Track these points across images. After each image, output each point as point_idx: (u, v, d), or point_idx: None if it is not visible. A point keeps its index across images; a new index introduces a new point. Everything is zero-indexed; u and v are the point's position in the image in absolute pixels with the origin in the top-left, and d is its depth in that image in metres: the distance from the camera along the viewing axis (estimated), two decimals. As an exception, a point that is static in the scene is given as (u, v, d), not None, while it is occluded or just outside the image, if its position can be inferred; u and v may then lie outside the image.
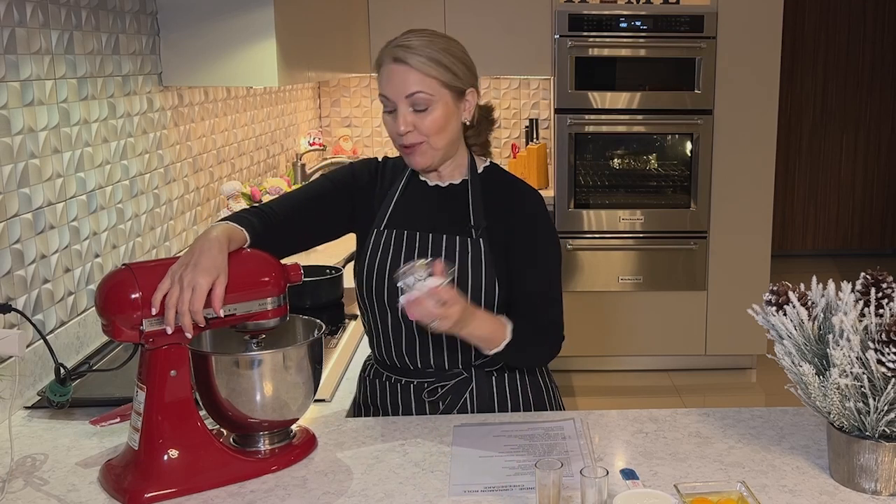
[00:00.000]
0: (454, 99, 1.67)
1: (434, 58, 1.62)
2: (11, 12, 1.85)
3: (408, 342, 1.74)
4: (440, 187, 1.77)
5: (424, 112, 1.64)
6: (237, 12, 2.57)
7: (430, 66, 1.62)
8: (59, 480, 1.47)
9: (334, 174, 1.83)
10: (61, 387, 1.56)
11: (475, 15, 4.43)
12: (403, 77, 1.63)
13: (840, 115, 6.84)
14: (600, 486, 1.27)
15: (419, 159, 1.69)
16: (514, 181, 1.80)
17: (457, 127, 1.71)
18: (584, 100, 4.41)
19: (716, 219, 4.49)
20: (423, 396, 1.77)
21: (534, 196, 1.77)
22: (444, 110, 1.65)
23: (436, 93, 1.63)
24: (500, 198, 1.75)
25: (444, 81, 1.64)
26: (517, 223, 1.73)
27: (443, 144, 1.68)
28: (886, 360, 1.27)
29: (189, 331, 1.40)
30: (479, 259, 1.70)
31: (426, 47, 1.63)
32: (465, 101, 1.70)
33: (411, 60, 1.62)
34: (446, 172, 1.76)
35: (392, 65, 1.64)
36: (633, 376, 4.65)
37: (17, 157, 1.86)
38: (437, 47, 1.64)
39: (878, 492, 1.37)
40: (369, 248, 1.76)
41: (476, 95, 1.72)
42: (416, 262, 1.49)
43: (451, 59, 1.65)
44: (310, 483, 1.45)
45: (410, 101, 1.63)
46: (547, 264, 1.73)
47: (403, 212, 1.77)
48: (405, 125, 1.64)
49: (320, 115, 4.94)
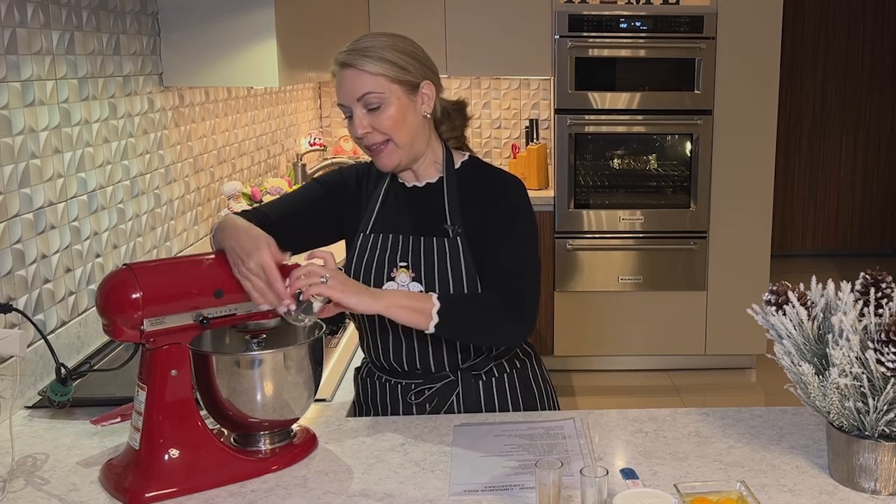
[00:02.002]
0: (407, 93, 1.66)
1: (380, 56, 1.63)
2: (12, 12, 1.86)
3: (394, 344, 1.74)
4: (417, 188, 1.77)
5: (378, 110, 1.64)
6: (238, 13, 2.57)
7: (376, 65, 1.62)
8: (59, 480, 1.47)
9: (325, 178, 1.84)
10: (62, 386, 1.56)
11: (475, 15, 4.43)
12: (352, 80, 1.63)
13: (840, 115, 6.84)
14: (600, 486, 1.27)
15: (385, 160, 1.69)
16: (491, 171, 1.78)
17: (417, 121, 1.69)
18: (584, 100, 4.41)
19: (716, 219, 4.50)
20: (409, 398, 1.77)
21: (512, 181, 1.75)
22: (397, 105, 1.64)
23: (386, 90, 1.63)
24: (479, 191, 1.73)
25: (393, 77, 1.63)
26: (494, 210, 1.70)
27: (406, 141, 1.67)
28: (886, 359, 1.27)
29: (291, 303, 1.46)
30: (457, 259, 1.69)
31: (372, 48, 1.63)
32: (422, 95, 1.68)
33: (357, 63, 1.62)
34: (421, 171, 1.76)
35: (341, 71, 1.65)
36: (633, 376, 4.65)
37: (17, 158, 1.86)
38: (383, 44, 1.64)
39: (878, 491, 1.37)
40: (356, 252, 1.77)
41: (433, 87, 1.70)
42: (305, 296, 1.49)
43: (398, 54, 1.64)
44: (310, 483, 1.45)
45: (363, 103, 1.63)
46: (517, 238, 1.69)
47: (386, 215, 1.77)
48: (362, 127, 1.64)
49: (321, 116, 4.94)
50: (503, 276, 1.67)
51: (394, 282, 1.71)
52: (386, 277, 1.71)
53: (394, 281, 1.71)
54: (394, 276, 1.71)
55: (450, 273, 1.69)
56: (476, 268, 1.69)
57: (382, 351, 1.76)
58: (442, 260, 1.70)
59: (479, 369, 1.77)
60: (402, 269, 1.71)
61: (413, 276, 1.70)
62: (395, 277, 1.71)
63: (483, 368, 1.77)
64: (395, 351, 1.75)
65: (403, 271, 1.70)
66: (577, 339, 4.60)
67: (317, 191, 1.81)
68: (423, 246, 1.71)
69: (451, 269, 1.69)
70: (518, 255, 1.69)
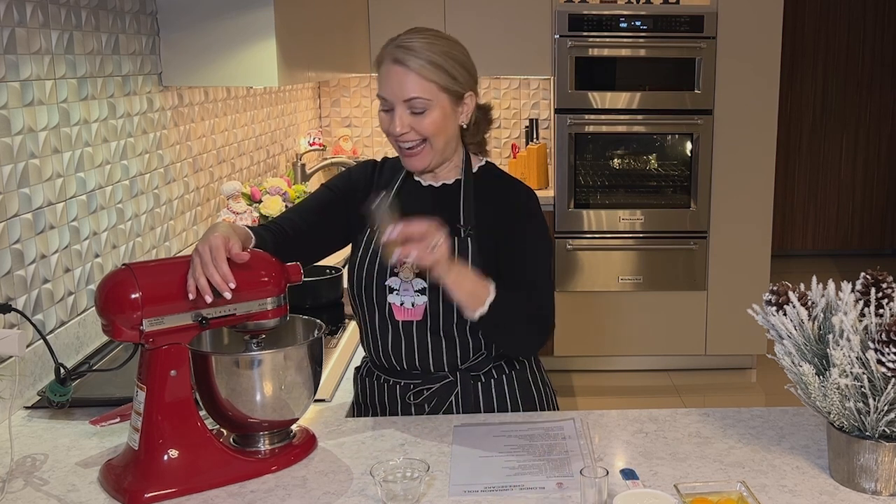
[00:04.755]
0: (452, 103, 1.66)
1: (434, 61, 1.61)
2: (11, 12, 1.85)
3: (394, 343, 1.74)
4: (433, 187, 1.77)
5: (422, 115, 1.63)
6: (237, 12, 2.57)
7: (429, 70, 1.61)
8: (59, 480, 1.47)
9: (333, 182, 1.84)
10: (61, 387, 1.56)
11: (475, 15, 4.43)
12: (402, 80, 1.62)
13: (840, 115, 6.84)
14: (600, 486, 1.27)
15: (417, 162, 1.69)
16: (508, 180, 1.80)
17: (454, 130, 1.70)
18: (584, 100, 4.41)
19: (716, 219, 4.50)
20: (407, 399, 1.77)
21: (527, 193, 1.76)
22: (441, 113, 1.64)
23: (434, 97, 1.63)
24: (494, 196, 1.74)
25: (443, 86, 1.63)
26: (509, 220, 1.72)
27: (441, 146, 1.68)
28: (886, 360, 1.27)
29: (225, 287, 1.40)
30: (465, 258, 1.69)
31: (427, 50, 1.62)
32: (464, 105, 1.69)
33: (411, 63, 1.61)
34: (441, 173, 1.77)
35: (392, 65, 1.63)
36: (633, 376, 4.65)
37: (17, 157, 1.86)
38: (438, 50, 1.63)
39: (878, 492, 1.37)
40: (361, 247, 1.76)
41: (474, 99, 1.71)
42: (407, 263, 1.49)
43: (452, 62, 1.64)
44: (310, 483, 1.45)
45: (408, 105, 1.63)
46: (536, 256, 1.71)
47: (397, 212, 1.77)
48: (402, 127, 1.64)
49: (320, 115, 4.94)
50: (524, 287, 1.68)
51: (397, 277, 1.70)
52: (390, 272, 1.71)
53: (397, 276, 1.70)
54: (397, 271, 1.70)
55: None
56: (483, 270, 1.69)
57: (382, 348, 1.76)
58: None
59: (479, 370, 1.77)
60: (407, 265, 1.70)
61: (417, 271, 1.69)
62: (398, 273, 1.70)
63: (482, 369, 1.77)
64: (395, 348, 1.74)
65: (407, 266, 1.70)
66: (577, 339, 4.60)
67: (326, 197, 1.81)
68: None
69: None
70: (537, 267, 1.71)
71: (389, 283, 1.71)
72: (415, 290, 1.70)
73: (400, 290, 1.71)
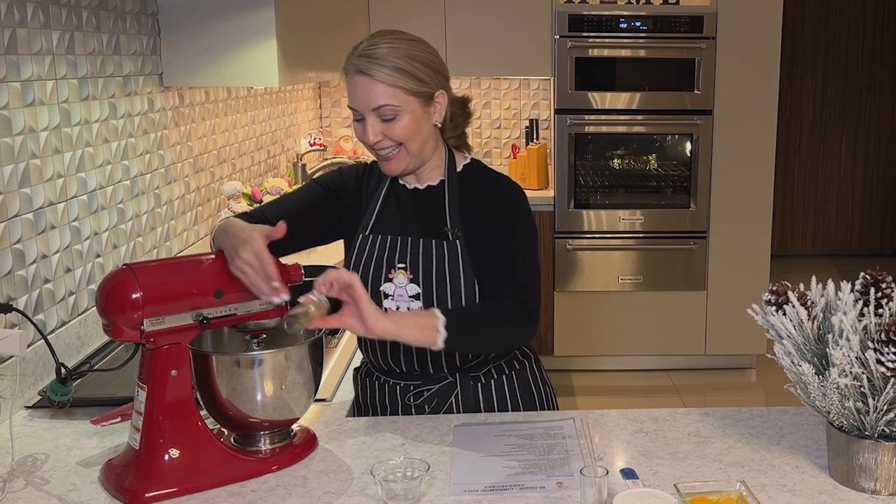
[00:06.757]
0: (422, 104, 1.64)
1: (398, 66, 1.59)
2: (12, 13, 1.86)
3: (392, 345, 1.74)
4: (419, 190, 1.77)
5: (392, 121, 1.62)
6: (238, 13, 2.57)
7: (393, 77, 1.59)
8: (59, 480, 1.47)
9: (324, 179, 1.83)
10: (62, 386, 1.56)
11: (475, 15, 4.43)
12: (368, 89, 1.60)
13: (840, 114, 6.84)
14: (600, 486, 1.27)
15: (394, 167, 1.68)
16: (493, 177, 1.77)
17: (428, 130, 1.69)
18: (584, 100, 4.41)
19: (715, 219, 4.50)
20: (407, 400, 1.77)
21: (512, 187, 1.75)
22: (411, 117, 1.63)
23: (402, 102, 1.61)
24: (480, 195, 1.73)
25: (410, 89, 1.61)
26: (494, 215, 1.70)
27: (416, 148, 1.67)
28: (886, 359, 1.27)
29: (284, 291, 1.47)
30: (455, 261, 1.69)
31: (390, 56, 1.60)
32: (435, 104, 1.68)
33: (375, 72, 1.59)
34: (424, 174, 1.75)
35: (356, 76, 1.62)
36: (633, 376, 4.65)
37: (18, 158, 1.86)
38: (401, 54, 1.60)
39: (878, 491, 1.37)
40: (354, 252, 1.76)
41: (446, 96, 1.69)
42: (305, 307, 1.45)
43: (416, 65, 1.62)
44: (310, 483, 1.45)
45: (377, 113, 1.62)
46: (518, 243, 1.69)
47: (386, 216, 1.77)
48: (374, 135, 1.63)
49: (321, 116, 4.94)
50: (506, 280, 1.66)
51: (391, 283, 1.70)
52: (384, 278, 1.71)
53: (391, 282, 1.70)
54: (391, 277, 1.71)
55: (448, 275, 1.68)
56: (475, 271, 1.69)
57: (381, 351, 1.76)
58: (440, 262, 1.69)
59: (478, 371, 1.77)
60: (401, 270, 1.70)
61: (411, 277, 1.70)
62: (392, 279, 1.71)
63: (482, 370, 1.77)
64: (393, 351, 1.75)
65: (402, 273, 1.70)
66: (577, 339, 4.60)
67: (315, 192, 1.81)
68: (422, 248, 1.71)
69: (449, 271, 1.69)
70: (521, 260, 1.68)
71: (384, 289, 1.71)
72: (409, 295, 1.70)
73: (395, 296, 1.70)
